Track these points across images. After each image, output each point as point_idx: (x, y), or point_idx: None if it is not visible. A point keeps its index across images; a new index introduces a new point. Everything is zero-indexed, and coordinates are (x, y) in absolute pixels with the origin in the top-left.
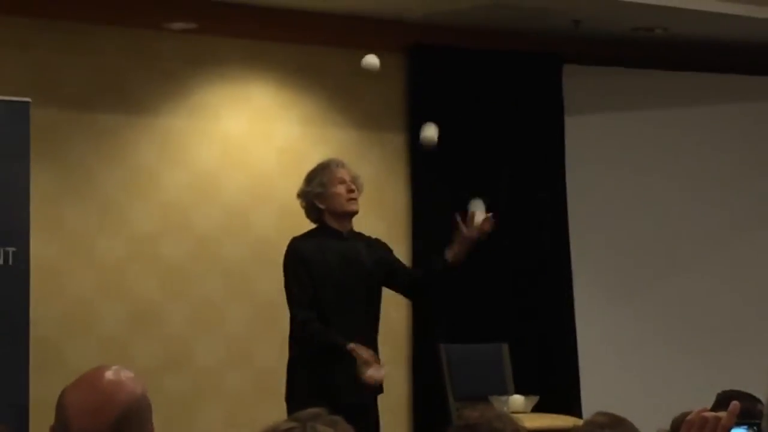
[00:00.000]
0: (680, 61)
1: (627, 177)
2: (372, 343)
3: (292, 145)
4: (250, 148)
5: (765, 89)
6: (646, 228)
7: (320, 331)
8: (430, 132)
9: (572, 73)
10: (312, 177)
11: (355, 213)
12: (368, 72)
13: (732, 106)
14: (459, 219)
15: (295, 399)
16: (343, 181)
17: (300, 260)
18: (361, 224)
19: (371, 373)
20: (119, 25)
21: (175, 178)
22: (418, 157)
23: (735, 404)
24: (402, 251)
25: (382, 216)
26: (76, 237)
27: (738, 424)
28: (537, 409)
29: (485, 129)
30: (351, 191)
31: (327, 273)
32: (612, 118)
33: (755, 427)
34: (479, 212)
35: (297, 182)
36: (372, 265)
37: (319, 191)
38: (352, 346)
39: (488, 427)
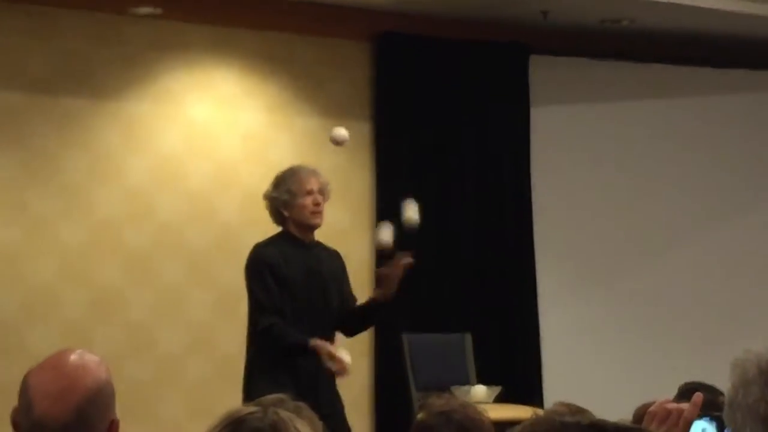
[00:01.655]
0: (647, 52)
1: (592, 168)
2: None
3: (256, 132)
4: (214, 135)
5: (731, 81)
6: (610, 220)
7: (282, 334)
8: (410, 213)
9: (539, 64)
10: (280, 182)
11: (318, 227)
12: (336, 143)
13: (698, 98)
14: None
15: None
16: (311, 192)
17: (265, 265)
18: (326, 213)
19: (338, 367)
20: (84, 9)
21: (139, 164)
22: (383, 147)
23: (698, 395)
24: (365, 240)
25: (346, 205)
26: (38, 222)
27: (700, 416)
28: (499, 399)
29: (451, 118)
30: (317, 204)
31: (289, 282)
32: (577, 109)
33: (717, 419)
34: (384, 233)
35: (261, 169)
36: (332, 276)
37: (285, 199)
38: (313, 343)
39: (462, 414)
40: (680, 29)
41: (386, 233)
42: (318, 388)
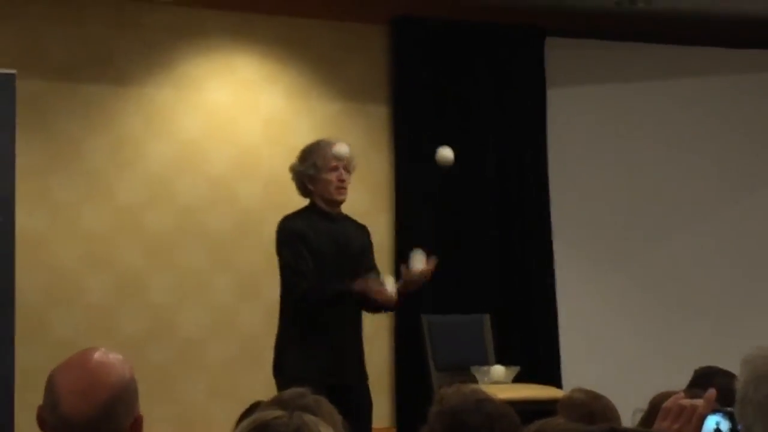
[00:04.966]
0: (662, 34)
1: (608, 149)
2: (358, 322)
3: (276, 116)
4: (235, 120)
5: (746, 62)
6: (627, 199)
7: (321, 290)
8: (446, 153)
9: (554, 46)
10: (306, 155)
11: (342, 202)
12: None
13: (713, 78)
14: (403, 267)
15: (284, 376)
16: (336, 168)
17: (297, 236)
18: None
19: (386, 292)
20: None
21: (160, 149)
22: (401, 129)
23: (711, 392)
24: (385, 222)
25: (365, 187)
26: (61, 207)
27: (714, 411)
28: (518, 379)
29: (467, 101)
30: (341, 180)
31: (317, 254)
32: (593, 91)
33: (730, 415)
34: (418, 262)
35: (282, 153)
36: (359, 249)
37: (311, 173)
38: (358, 287)
39: (492, 405)
40: (695, 10)
41: (418, 263)
42: (346, 360)
